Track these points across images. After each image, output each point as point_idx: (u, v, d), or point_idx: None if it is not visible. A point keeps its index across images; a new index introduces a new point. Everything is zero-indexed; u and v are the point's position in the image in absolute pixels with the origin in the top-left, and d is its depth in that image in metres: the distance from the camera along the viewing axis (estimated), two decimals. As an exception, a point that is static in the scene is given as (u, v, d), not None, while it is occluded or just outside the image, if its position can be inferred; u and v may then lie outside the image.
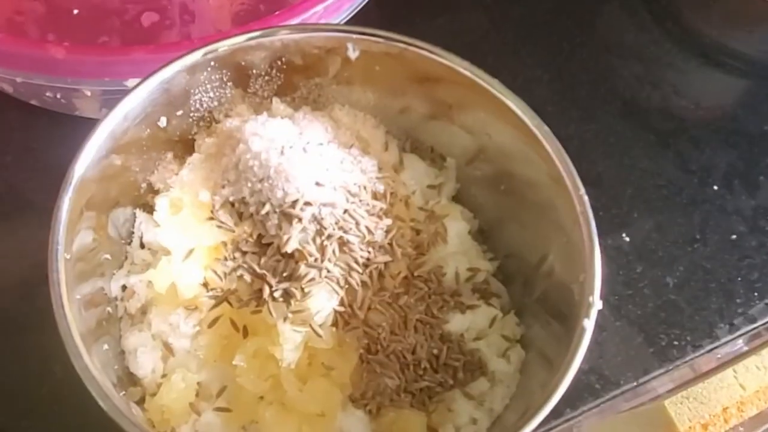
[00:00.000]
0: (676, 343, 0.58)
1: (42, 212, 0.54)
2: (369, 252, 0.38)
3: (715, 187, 0.65)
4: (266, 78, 0.44)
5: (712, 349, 0.59)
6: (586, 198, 0.38)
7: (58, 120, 0.61)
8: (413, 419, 0.39)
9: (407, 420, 0.39)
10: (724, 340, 0.59)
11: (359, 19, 0.58)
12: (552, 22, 0.73)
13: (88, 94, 0.58)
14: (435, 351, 0.40)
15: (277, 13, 0.53)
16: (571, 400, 0.56)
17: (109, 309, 0.41)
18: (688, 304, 0.60)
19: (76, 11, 0.58)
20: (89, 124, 0.59)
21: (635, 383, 0.57)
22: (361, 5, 0.57)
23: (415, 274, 0.42)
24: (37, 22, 0.58)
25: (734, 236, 0.63)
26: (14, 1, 0.59)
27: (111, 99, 0.57)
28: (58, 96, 0.59)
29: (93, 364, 0.32)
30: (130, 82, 0.51)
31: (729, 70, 0.73)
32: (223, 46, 0.39)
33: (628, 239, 0.62)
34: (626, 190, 0.65)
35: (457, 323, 0.42)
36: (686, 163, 0.67)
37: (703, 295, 0.60)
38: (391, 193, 0.41)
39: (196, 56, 0.38)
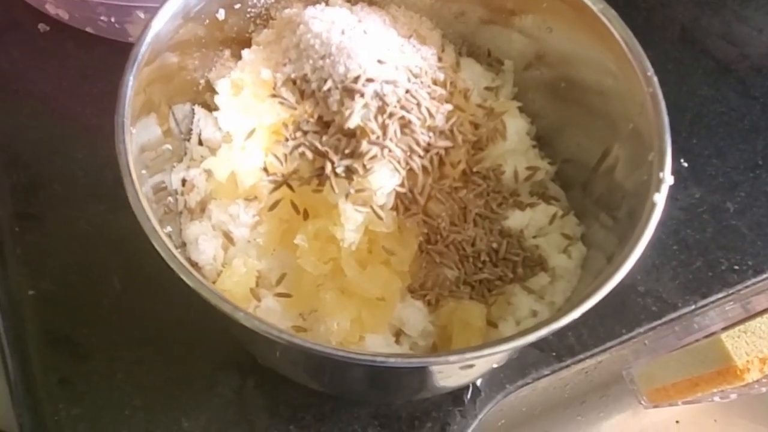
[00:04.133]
0: (736, 267, 0.57)
1: (97, 133, 0.55)
2: (430, 136, 0.38)
3: (780, 114, 0.63)
4: (323, -26, 0.43)
5: (774, 276, 0.57)
6: (655, 78, 0.37)
7: (112, 48, 0.62)
8: (473, 310, 0.38)
9: (466, 310, 0.38)
10: (787, 266, 0.57)
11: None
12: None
13: (142, 16, 0.58)
14: (494, 245, 0.40)
15: None
16: (627, 322, 0.55)
17: (170, 200, 0.41)
18: (750, 229, 0.58)
19: None
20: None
21: (693, 306, 0.55)
22: None
23: (474, 169, 0.41)
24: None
25: (799, 163, 0.61)
26: None
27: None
28: (113, 20, 0.59)
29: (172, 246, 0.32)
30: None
31: (793, -2, 0.70)
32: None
33: (686, 165, 0.60)
34: (685, 116, 0.63)
35: (516, 219, 0.41)
36: (748, 90, 0.64)
37: (765, 221, 0.58)
38: (451, 83, 0.40)
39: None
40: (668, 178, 0.34)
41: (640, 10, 0.68)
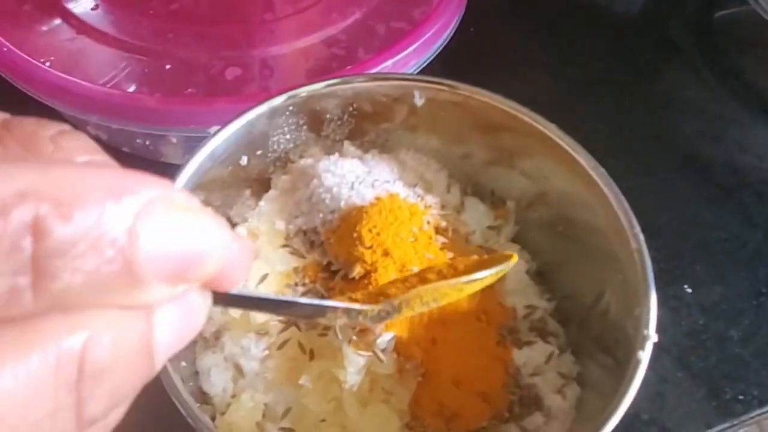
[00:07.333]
0: (741, 397, 0.57)
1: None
2: (430, 283, 0.40)
3: (782, 241, 0.65)
4: (338, 123, 0.47)
5: (781, 406, 0.57)
6: (641, 236, 0.39)
7: (146, 166, 0.66)
8: (469, 449, 0.40)
9: (463, 449, 0.40)
10: (794, 397, 0.57)
11: (424, 73, 0.62)
12: (612, 78, 0.76)
13: (174, 141, 0.63)
14: (492, 384, 0.41)
15: (348, 67, 0.58)
16: (633, 451, 0.55)
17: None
18: (754, 358, 0.59)
19: (168, 66, 0.64)
20: (173, 169, 0.65)
21: (699, 438, 0.55)
22: (426, 62, 0.61)
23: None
24: (133, 75, 0.64)
25: (803, 290, 0.62)
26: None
27: (193, 146, 0.62)
28: (147, 143, 0.64)
29: (178, 381, 0.35)
30: (213, 130, 0.56)
31: (794, 127, 0.73)
32: (304, 91, 0.43)
33: (690, 291, 0.62)
34: (688, 242, 0.65)
35: (514, 358, 0.43)
36: (751, 217, 0.66)
37: (770, 349, 0.59)
38: (453, 229, 0.43)
39: (279, 100, 0.42)
40: (653, 336, 0.36)
41: (642, 138, 0.71)
